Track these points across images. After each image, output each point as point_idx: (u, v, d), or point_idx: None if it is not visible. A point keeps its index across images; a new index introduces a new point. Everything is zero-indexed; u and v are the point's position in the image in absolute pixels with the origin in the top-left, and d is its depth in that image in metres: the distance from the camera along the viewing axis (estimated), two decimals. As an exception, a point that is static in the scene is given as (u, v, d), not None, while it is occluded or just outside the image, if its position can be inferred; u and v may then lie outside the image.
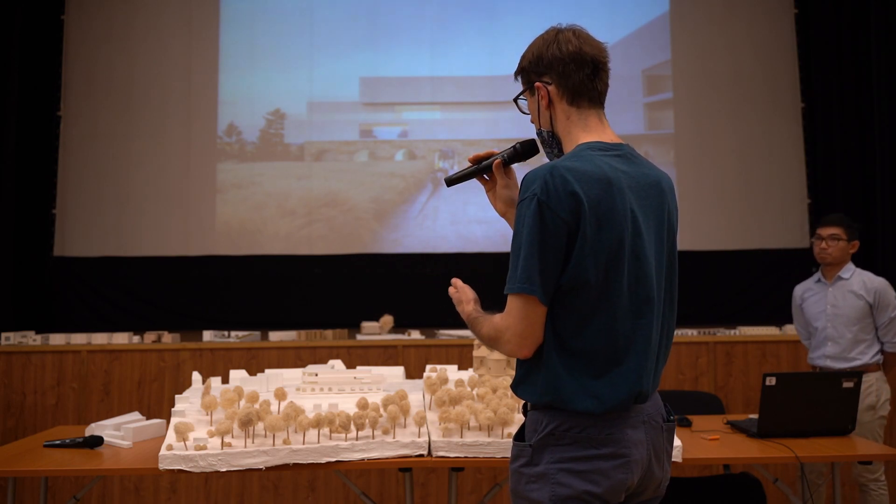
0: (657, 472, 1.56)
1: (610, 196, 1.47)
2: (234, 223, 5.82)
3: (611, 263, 1.47)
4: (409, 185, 5.85)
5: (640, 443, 1.51)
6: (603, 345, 1.49)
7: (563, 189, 1.45)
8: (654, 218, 1.56)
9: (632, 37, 5.96)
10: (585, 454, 1.47)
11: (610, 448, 1.47)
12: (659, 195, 1.58)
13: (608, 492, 1.47)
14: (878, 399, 3.38)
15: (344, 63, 5.92)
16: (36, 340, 4.44)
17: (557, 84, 1.61)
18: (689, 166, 5.87)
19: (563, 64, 1.59)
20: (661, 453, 1.57)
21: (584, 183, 1.46)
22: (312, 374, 2.75)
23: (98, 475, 2.55)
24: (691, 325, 5.01)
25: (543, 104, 1.63)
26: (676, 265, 1.63)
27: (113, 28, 5.86)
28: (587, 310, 1.48)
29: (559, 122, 1.62)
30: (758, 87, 5.90)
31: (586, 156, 1.53)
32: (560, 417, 1.49)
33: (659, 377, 1.60)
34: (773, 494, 3.87)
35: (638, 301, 1.51)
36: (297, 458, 2.30)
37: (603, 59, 1.63)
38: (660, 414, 1.59)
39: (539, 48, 1.63)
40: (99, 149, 5.78)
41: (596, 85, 1.61)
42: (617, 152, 1.57)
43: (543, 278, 1.45)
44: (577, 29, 1.65)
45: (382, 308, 4.81)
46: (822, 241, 3.54)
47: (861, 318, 3.45)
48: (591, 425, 1.48)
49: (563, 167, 1.48)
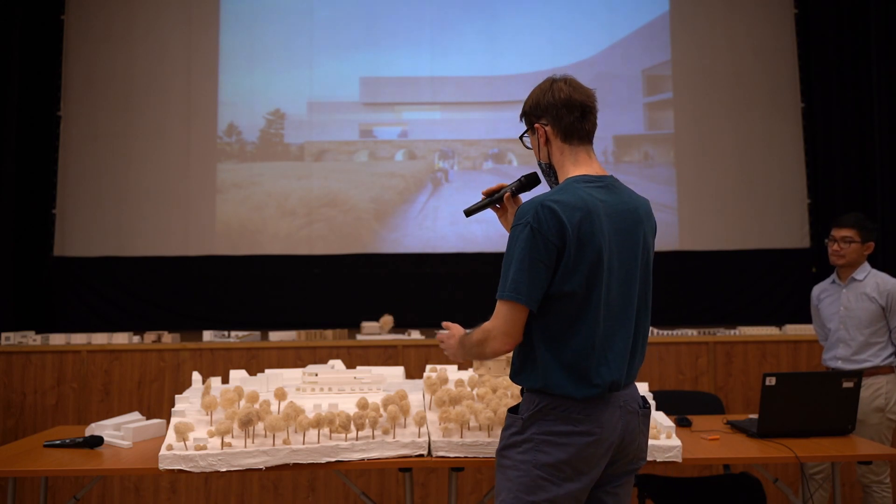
0: (630, 448, 1.90)
1: (590, 222, 1.80)
2: (234, 223, 5.82)
3: (591, 277, 1.80)
4: (409, 185, 5.86)
5: (613, 424, 1.85)
6: (585, 344, 1.81)
7: (551, 218, 1.79)
8: (629, 239, 1.88)
9: (632, 37, 5.96)
10: (565, 429, 1.82)
11: (586, 426, 1.82)
12: (635, 219, 1.91)
13: (579, 461, 1.82)
14: (888, 401, 3.33)
15: (344, 63, 5.92)
16: (36, 340, 4.44)
17: (553, 125, 1.94)
18: (689, 166, 5.87)
19: (557, 109, 1.92)
20: (636, 434, 1.91)
21: (568, 212, 1.79)
22: (312, 374, 2.75)
23: (98, 475, 2.55)
24: (691, 325, 5.01)
25: (542, 142, 1.97)
26: (650, 278, 1.96)
27: (113, 28, 5.86)
28: (572, 315, 1.81)
29: (555, 156, 1.96)
30: (758, 87, 5.90)
31: (571, 188, 1.86)
32: (548, 399, 1.84)
33: (635, 371, 1.94)
34: (773, 494, 3.87)
35: (615, 309, 1.85)
36: (297, 458, 2.30)
37: (591, 103, 1.94)
38: (636, 401, 1.92)
39: (537, 96, 1.96)
40: (99, 149, 5.78)
41: (584, 125, 1.93)
42: (599, 184, 1.89)
43: (530, 289, 1.79)
44: (568, 78, 1.96)
45: (382, 308, 4.81)
46: (834, 243, 3.45)
47: (874, 320, 3.38)
48: (571, 407, 1.82)
49: (550, 200, 1.81)
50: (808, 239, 5.81)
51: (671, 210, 5.82)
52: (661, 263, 6.87)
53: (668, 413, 2.74)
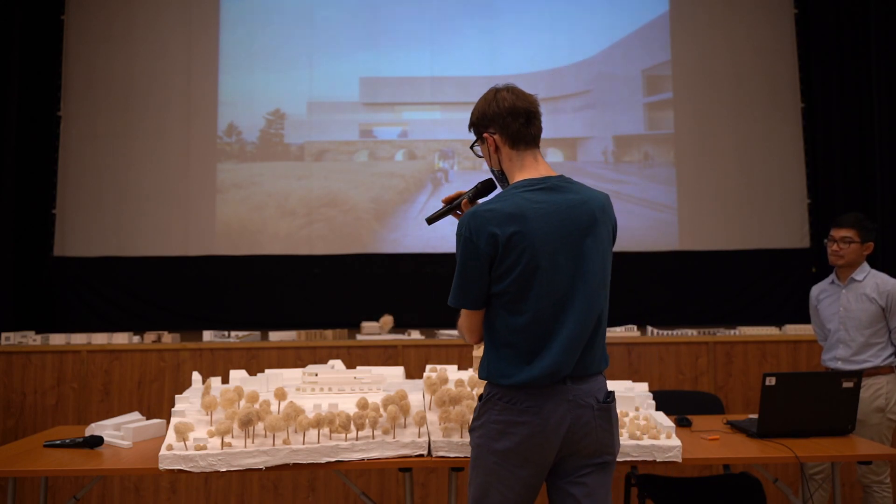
0: (585, 443, 1.95)
1: (522, 226, 1.90)
2: (234, 223, 5.82)
3: (526, 277, 1.90)
4: (409, 185, 5.86)
5: (558, 417, 1.92)
6: (524, 338, 1.93)
7: (481, 227, 1.91)
8: (574, 235, 1.94)
9: (632, 37, 5.96)
10: (508, 419, 1.93)
11: (527, 418, 1.92)
12: (582, 216, 1.95)
13: (525, 451, 1.92)
14: (889, 402, 3.32)
15: (344, 63, 5.92)
16: (36, 340, 4.44)
17: (500, 133, 2.02)
18: (689, 166, 5.87)
19: (503, 117, 2.00)
20: (590, 428, 1.95)
21: (499, 220, 1.90)
22: (312, 374, 2.74)
23: (98, 475, 2.55)
24: (691, 325, 5.01)
25: (492, 150, 2.05)
26: (608, 271, 2.01)
27: (113, 28, 5.86)
28: (511, 311, 1.93)
29: (505, 162, 2.05)
30: (758, 87, 5.90)
31: (509, 195, 1.96)
32: (496, 389, 1.97)
33: (595, 364, 1.98)
34: (773, 494, 3.87)
35: (558, 304, 1.92)
36: (297, 458, 2.30)
37: (534, 109, 2.03)
38: (592, 395, 1.97)
39: (483, 106, 2.05)
40: (99, 149, 5.78)
41: (530, 131, 2.02)
42: (541, 185, 1.97)
43: (466, 294, 1.97)
44: (511, 87, 2.04)
45: (382, 308, 4.81)
46: (834, 244, 3.43)
47: (873, 321, 3.36)
48: (515, 397, 1.93)
49: (482, 210, 1.93)
50: (808, 239, 5.81)
51: (671, 210, 5.82)
52: (661, 263, 6.90)
53: (668, 413, 2.74)
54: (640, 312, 5.41)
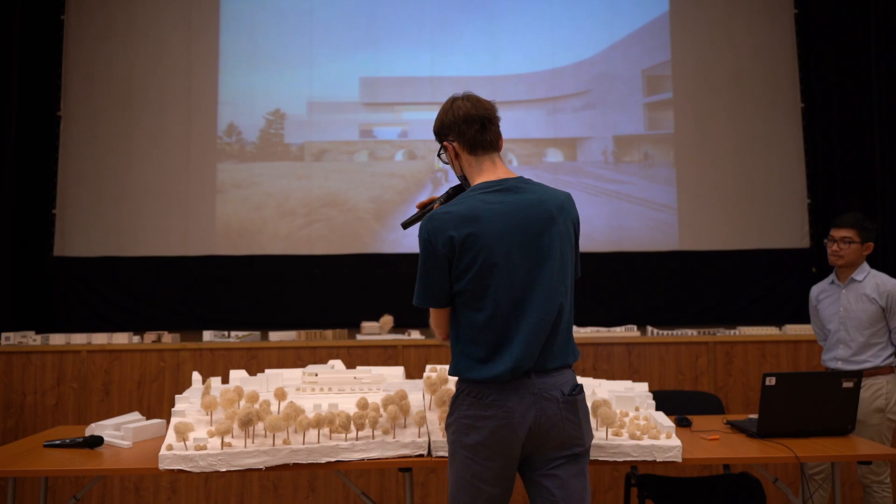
0: (552, 434, 2.00)
1: (477, 227, 1.97)
2: (234, 223, 5.82)
3: (483, 277, 1.97)
4: (409, 185, 5.86)
5: (523, 410, 1.97)
6: (486, 334, 1.99)
7: (437, 230, 2.00)
8: (531, 233, 2.00)
9: (632, 37, 5.96)
10: (477, 413, 2.00)
11: (493, 411, 1.98)
12: (539, 213, 2.01)
13: (493, 443, 1.98)
14: (888, 402, 3.31)
15: (344, 63, 5.92)
16: (36, 340, 4.44)
17: (458, 141, 2.11)
18: (689, 166, 5.87)
19: (458, 125, 2.09)
20: (557, 420, 2.00)
21: (455, 222, 1.98)
22: (312, 374, 2.75)
23: (98, 475, 2.55)
24: (691, 325, 5.01)
25: (452, 157, 2.14)
26: (569, 266, 2.05)
27: (113, 28, 5.86)
28: (473, 310, 2.00)
29: (465, 168, 2.13)
30: (758, 87, 5.90)
31: (465, 199, 2.05)
32: (464, 385, 2.04)
33: (553, 357, 2.01)
34: (773, 494, 3.87)
35: (513, 301, 1.98)
36: (297, 458, 2.30)
37: (489, 115, 2.10)
38: (557, 388, 2.01)
39: (441, 116, 2.14)
40: (99, 149, 5.78)
41: (486, 136, 2.09)
42: (498, 187, 2.05)
43: (428, 294, 2.06)
44: (468, 95, 2.13)
45: (382, 308, 4.81)
46: (833, 244, 3.42)
47: (873, 321, 3.36)
48: (481, 392, 1.99)
49: (439, 213, 2.02)
50: (808, 239, 5.81)
51: (671, 210, 5.82)
52: (661, 263, 6.89)
53: (668, 413, 2.74)
54: (640, 312, 5.41)
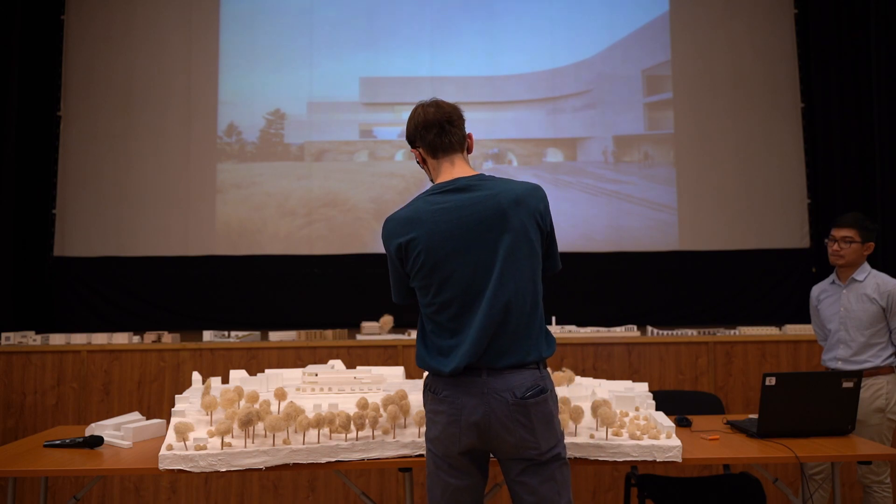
0: (505, 437, 1.98)
1: (417, 229, 2.03)
2: (234, 223, 5.82)
3: (428, 276, 2.03)
4: (409, 185, 5.86)
5: (470, 409, 1.99)
6: (441, 331, 2.04)
7: (389, 236, 2.10)
8: (477, 230, 2.01)
9: (632, 37, 5.97)
10: (434, 408, 2.05)
11: (446, 406, 2.01)
12: (486, 209, 2.02)
13: (445, 437, 2.01)
14: (889, 402, 3.31)
15: (344, 63, 5.92)
16: (36, 340, 4.44)
17: (422, 146, 2.16)
18: (689, 166, 5.87)
19: (419, 131, 2.15)
20: (508, 422, 1.98)
21: (401, 226, 2.07)
22: (312, 374, 2.75)
23: (98, 475, 2.55)
24: (691, 325, 5.01)
25: (420, 162, 2.21)
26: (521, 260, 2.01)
27: (113, 28, 5.87)
28: (427, 307, 2.06)
29: (431, 171, 2.19)
30: (758, 87, 5.90)
31: (414, 201, 2.12)
32: (427, 379, 2.11)
33: (503, 355, 2.00)
34: (773, 494, 3.87)
35: (461, 298, 2.01)
36: (297, 458, 2.30)
37: (447, 118, 2.13)
38: (509, 391, 1.99)
39: (408, 123, 2.19)
40: (99, 149, 5.78)
41: (444, 140, 2.13)
42: (450, 187, 2.08)
43: (397, 292, 2.17)
44: (433, 100, 2.18)
45: (382, 308, 4.80)
46: (834, 244, 3.41)
47: (874, 321, 3.35)
48: (437, 386, 2.04)
49: (390, 218, 2.12)
50: (808, 239, 5.81)
51: (671, 210, 5.82)
52: (661, 263, 6.89)
53: (668, 413, 2.74)
54: (640, 312, 5.42)
